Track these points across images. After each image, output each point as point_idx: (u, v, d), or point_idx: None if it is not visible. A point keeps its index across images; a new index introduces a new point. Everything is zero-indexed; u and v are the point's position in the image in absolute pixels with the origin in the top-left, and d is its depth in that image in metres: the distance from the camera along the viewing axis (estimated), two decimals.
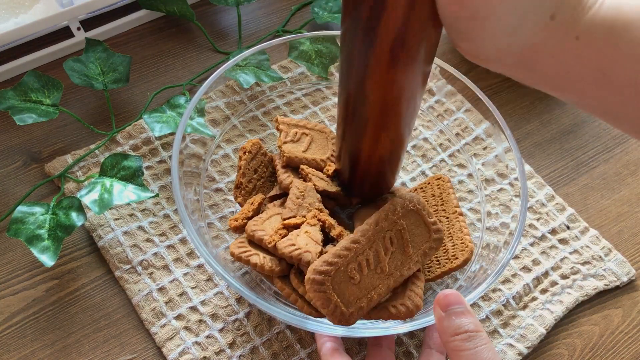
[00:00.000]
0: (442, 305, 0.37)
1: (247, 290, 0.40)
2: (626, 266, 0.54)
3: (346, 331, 0.41)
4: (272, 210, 0.48)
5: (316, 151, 0.52)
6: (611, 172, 0.60)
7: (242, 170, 0.50)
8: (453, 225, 0.49)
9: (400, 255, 0.43)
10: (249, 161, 0.51)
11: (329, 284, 0.39)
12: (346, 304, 0.40)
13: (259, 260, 0.43)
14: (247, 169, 0.50)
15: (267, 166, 0.52)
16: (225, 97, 0.58)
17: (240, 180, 0.50)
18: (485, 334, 0.36)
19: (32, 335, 0.47)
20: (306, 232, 0.45)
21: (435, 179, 0.52)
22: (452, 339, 0.36)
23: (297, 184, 0.48)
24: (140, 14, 0.66)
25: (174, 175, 0.44)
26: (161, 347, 0.47)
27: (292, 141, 0.51)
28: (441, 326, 0.36)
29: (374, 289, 0.41)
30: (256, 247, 0.45)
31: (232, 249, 0.45)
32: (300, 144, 0.52)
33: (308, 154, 0.51)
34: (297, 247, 0.43)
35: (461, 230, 0.48)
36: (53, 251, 0.47)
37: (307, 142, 0.52)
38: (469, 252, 0.47)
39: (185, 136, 0.48)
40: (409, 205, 0.44)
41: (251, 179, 0.51)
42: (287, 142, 0.51)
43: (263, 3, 0.70)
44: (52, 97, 0.54)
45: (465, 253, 0.47)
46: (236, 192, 0.50)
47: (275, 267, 0.44)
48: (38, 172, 0.55)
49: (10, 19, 0.59)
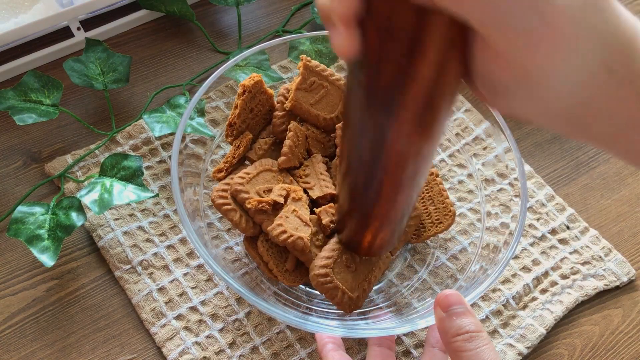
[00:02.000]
0: (442, 305, 0.36)
1: (247, 291, 0.40)
2: (626, 266, 0.54)
3: (346, 331, 0.41)
4: (261, 164, 0.47)
5: (324, 107, 0.50)
6: (611, 172, 0.60)
7: (239, 110, 0.48)
8: (432, 189, 0.50)
9: None
10: (247, 100, 0.48)
11: (332, 275, 0.43)
12: (351, 290, 0.44)
13: (235, 217, 0.45)
14: (244, 108, 0.48)
15: (265, 104, 0.50)
16: (225, 97, 0.58)
17: (234, 120, 0.48)
18: (486, 334, 0.36)
19: (32, 335, 0.48)
20: (294, 210, 0.45)
21: None
22: (454, 339, 0.36)
23: (297, 130, 0.48)
24: (140, 14, 0.66)
25: (173, 175, 0.44)
26: (161, 347, 0.47)
27: (306, 89, 0.50)
28: (442, 327, 0.36)
29: (370, 272, 0.45)
30: (236, 202, 0.46)
31: (213, 196, 0.46)
32: (311, 94, 0.50)
33: (315, 107, 0.50)
34: (290, 234, 0.44)
35: (441, 194, 0.50)
36: (53, 251, 0.47)
37: (320, 95, 0.50)
38: (452, 216, 0.49)
39: (185, 136, 0.48)
40: None
41: (246, 118, 0.49)
42: (301, 88, 0.49)
43: (263, 3, 0.70)
44: (52, 97, 0.54)
45: (448, 218, 0.49)
46: (228, 130, 0.49)
47: (249, 228, 0.45)
48: (38, 172, 0.55)
49: (10, 19, 0.59)
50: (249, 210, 0.45)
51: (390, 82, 0.28)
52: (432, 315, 0.38)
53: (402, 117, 0.29)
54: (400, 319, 0.46)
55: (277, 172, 0.48)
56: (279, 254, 0.46)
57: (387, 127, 0.30)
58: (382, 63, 0.27)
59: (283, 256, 0.46)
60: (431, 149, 0.33)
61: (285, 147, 0.48)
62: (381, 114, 0.30)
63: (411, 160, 0.33)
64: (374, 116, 0.30)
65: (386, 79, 0.28)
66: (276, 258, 0.46)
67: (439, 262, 0.51)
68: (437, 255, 0.52)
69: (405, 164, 0.33)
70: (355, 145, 0.34)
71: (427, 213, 0.50)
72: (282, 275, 0.45)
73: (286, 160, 0.48)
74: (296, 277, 0.46)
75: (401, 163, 0.33)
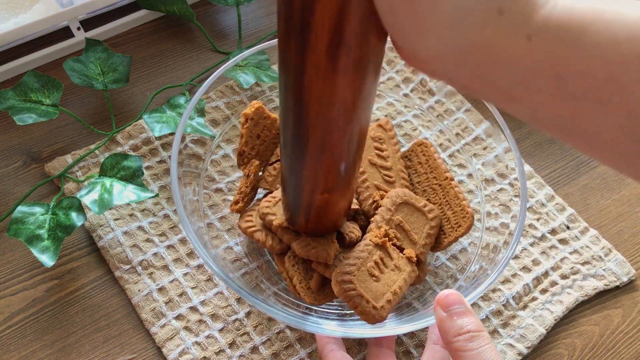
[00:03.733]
0: (443, 305, 0.36)
1: (247, 291, 0.40)
2: (626, 266, 0.54)
3: (345, 332, 0.41)
4: None
5: None
6: (611, 172, 0.60)
7: (245, 138, 0.48)
8: (448, 193, 0.50)
9: (409, 245, 0.46)
10: (251, 128, 0.49)
11: (355, 282, 0.42)
12: (375, 299, 0.42)
13: (262, 237, 0.47)
14: (250, 136, 0.49)
15: (271, 128, 0.50)
16: (225, 97, 0.58)
17: (242, 148, 0.49)
18: (487, 334, 0.36)
19: (32, 335, 0.48)
20: None
21: (418, 145, 0.53)
22: (455, 339, 0.36)
23: None
24: (140, 14, 0.66)
25: (172, 175, 0.44)
26: (161, 347, 0.47)
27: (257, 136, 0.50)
28: (443, 327, 0.36)
29: (394, 283, 0.44)
30: (262, 224, 0.47)
31: (239, 223, 0.48)
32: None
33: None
34: (313, 246, 0.45)
35: (457, 197, 0.49)
36: (53, 251, 0.47)
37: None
38: (470, 218, 0.48)
39: (185, 136, 0.48)
40: (397, 199, 0.47)
41: (254, 145, 0.49)
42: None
43: (263, 3, 0.70)
44: (52, 97, 0.54)
45: (467, 220, 0.48)
46: (239, 159, 0.49)
47: (275, 245, 0.46)
48: (38, 172, 0.55)
49: (10, 19, 0.59)
50: (277, 231, 0.46)
51: (301, 7, 0.28)
52: (433, 316, 0.38)
53: (314, 46, 0.29)
54: (400, 319, 0.46)
55: None
56: (304, 271, 0.46)
57: (302, 60, 0.30)
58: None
59: (308, 274, 0.46)
60: (351, 94, 0.32)
61: None
62: (297, 44, 0.30)
63: (331, 103, 0.32)
64: (291, 49, 0.30)
65: (297, 4, 0.28)
66: (301, 274, 0.46)
67: (439, 262, 0.51)
68: (437, 255, 0.52)
69: (326, 107, 0.33)
70: (282, 95, 0.34)
71: (445, 218, 0.49)
72: (305, 293, 0.45)
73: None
74: (319, 297, 0.46)
75: (321, 107, 0.33)
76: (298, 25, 0.29)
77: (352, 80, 0.31)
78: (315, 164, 0.37)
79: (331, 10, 0.28)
